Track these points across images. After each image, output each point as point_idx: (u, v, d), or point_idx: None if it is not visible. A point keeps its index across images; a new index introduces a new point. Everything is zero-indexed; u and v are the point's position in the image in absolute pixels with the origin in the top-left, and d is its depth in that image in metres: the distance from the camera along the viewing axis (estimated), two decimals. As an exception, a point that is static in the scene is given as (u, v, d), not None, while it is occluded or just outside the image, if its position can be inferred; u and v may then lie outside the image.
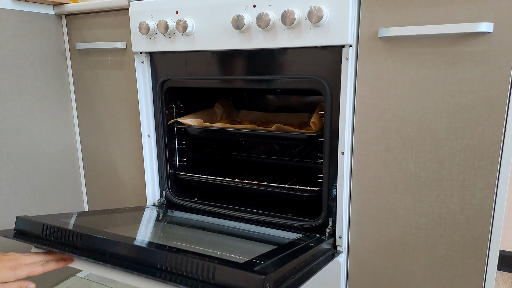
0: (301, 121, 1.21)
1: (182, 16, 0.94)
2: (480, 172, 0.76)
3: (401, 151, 0.82)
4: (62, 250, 0.71)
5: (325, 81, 0.84)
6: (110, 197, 1.28)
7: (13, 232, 0.79)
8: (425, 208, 0.82)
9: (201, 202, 1.08)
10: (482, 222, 0.78)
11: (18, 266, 0.70)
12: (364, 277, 0.91)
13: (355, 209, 0.89)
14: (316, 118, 1.01)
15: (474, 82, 0.73)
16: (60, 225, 0.75)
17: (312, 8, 0.78)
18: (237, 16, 0.85)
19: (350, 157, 0.87)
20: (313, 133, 0.98)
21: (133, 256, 0.67)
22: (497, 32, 0.70)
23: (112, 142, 1.21)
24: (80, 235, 0.72)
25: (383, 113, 0.82)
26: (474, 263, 0.80)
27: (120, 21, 1.09)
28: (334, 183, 0.88)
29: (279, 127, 1.01)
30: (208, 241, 0.87)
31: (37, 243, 0.74)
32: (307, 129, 1.04)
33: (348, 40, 0.79)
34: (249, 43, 0.88)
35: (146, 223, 0.97)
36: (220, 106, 1.30)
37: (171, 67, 1.02)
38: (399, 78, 0.79)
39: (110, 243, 0.69)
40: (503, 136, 0.73)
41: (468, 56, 0.73)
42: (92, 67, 1.19)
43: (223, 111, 1.30)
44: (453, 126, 0.77)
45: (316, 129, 1.00)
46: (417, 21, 0.75)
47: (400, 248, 0.86)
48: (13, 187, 1.13)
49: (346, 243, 0.91)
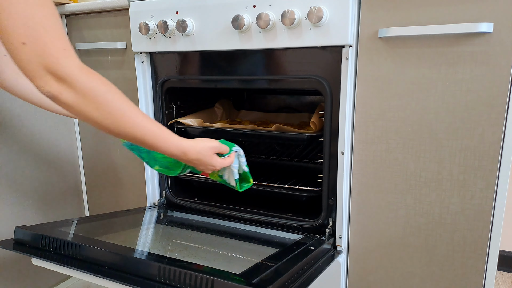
0: (301, 121, 1.21)
1: (182, 16, 0.94)
2: (480, 172, 0.76)
3: (401, 151, 0.82)
4: (61, 262, 0.71)
5: (325, 81, 0.84)
6: (110, 197, 1.28)
7: (12, 242, 0.79)
8: (425, 208, 0.82)
9: (201, 202, 1.08)
10: (482, 222, 0.78)
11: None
12: (364, 277, 0.91)
13: (355, 209, 0.89)
14: (316, 118, 1.01)
15: (474, 82, 0.73)
16: (59, 236, 0.75)
17: (312, 8, 0.78)
18: (237, 16, 0.85)
19: (350, 157, 0.87)
20: (313, 133, 0.98)
21: (132, 268, 0.67)
22: (497, 32, 0.70)
23: (112, 142, 1.21)
24: (79, 247, 0.72)
25: (383, 113, 0.82)
26: (474, 263, 0.80)
27: (120, 21, 1.09)
28: (334, 183, 0.88)
29: (279, 127, 1.01)
30: (208, 242, 0.87)
31: (36, 255, 0.74)
32: (307, 129, 1.04)
33: (348, 40, 0.79)
34: (249, 43, 0.88)
35: (146, 228, 0.97)
36: (220, 106, 1.30)
37: (171, 67, 1.02)
38: (399, 78, 0.79)
39: (109, 255, 0.70)
40: (503, 136, 0.73)
41: (468, 56, 0.73)
42: (92, 67, 1.18)
43: (223, 111, 1.30)
44: (453, 126, 0.77)
45: (316, 129, 1.00)
46: (417, 21, 0.75)
47: (400, 248, 0.86)
48: (13, 187, 1.13)
49: (346, 243, 0.91)
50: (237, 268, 0.66)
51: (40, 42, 0.52)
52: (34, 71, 0.53)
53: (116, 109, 0.61)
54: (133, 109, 0.64)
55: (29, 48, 0.51)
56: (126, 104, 0.63)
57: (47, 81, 0.54)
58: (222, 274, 0.62)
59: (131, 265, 0.67)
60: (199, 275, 0.60)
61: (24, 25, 0.50)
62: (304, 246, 0.82)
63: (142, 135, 0.65)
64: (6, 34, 0.51)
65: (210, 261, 0.76)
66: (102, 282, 0.68)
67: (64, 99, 0.56)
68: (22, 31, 0.51)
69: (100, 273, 0.67)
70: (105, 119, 0.60)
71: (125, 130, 0.63)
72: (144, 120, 0.65)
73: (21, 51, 0.51)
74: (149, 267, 0.65)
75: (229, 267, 0.72)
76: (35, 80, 0.54)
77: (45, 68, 0.53)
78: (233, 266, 0.72)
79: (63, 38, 0.54)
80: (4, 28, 0.50)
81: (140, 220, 1.02)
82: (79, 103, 0.57)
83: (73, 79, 0.55)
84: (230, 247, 0.84)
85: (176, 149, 0.71)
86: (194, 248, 0.83)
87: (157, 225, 0.99)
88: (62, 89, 0.55)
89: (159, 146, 0.68)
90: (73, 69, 0.55)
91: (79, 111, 0.58)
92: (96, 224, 0.93)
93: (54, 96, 0.55)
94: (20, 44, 0.51)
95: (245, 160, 0.85)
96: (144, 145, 0.68)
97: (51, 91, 0.55)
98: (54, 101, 0.57)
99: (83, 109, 0.58)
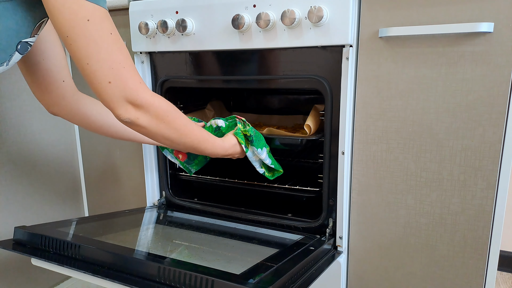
0: (295, 124, 1.19)
1: (182, 16, 0.94)
2: (481, 172, 0.76)
3: (402, 151, 0.82)
4: (61, 262, 0.71)
5: (325, 81, 0.84)
6: (109, 198, 1.27)
7: (11, 243, 0.79)
8: (426, 208, 0.82)
9: (201, 202, 1.08)
10: (483, 222, 0.77)
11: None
12: (364, 277, 0.91)
13: (355, 209, 0.88)
14: (311, 121, 0.98)
15: (474, 82, 0.73)
16: (58, 237, 0.75)
17: (312, 8, 0.78)
18: (237, 16, 0.85)
19: (351, 157, 0.87)
20: (307, 136, 0.96)
21: (132, 268, 0.67)
22: (497, 32, 0.70)
23: (112, 142, 1.21)
24: (79, 247, 0.72)
25: (383, 113, 0.81)
26: (475, 263, 0.79)
27: (120, 21, 1.09)
28: (335, 183, 0.88)
29: (270, 130, 0.99)
30: (208, 243, 0.87)
31: (35, 256, 0.74)
32: (301, 132, 1.02)
33: (348, 40, 0.79)
34: (249, 43, 0.88)
35: (145, 228, 0.97)
36: (211, 107, 1.27)
37: (171, 67, 1.02)
38: (400, 78, 0.79)
39: (109, 255, 0.69)
40: (504, 136, 0.73)
41: (468, 56, 0.73)
42: (92, 67, 1.19)
43: (214, 113, 1.27)
44: (454, 126, 0.76)
45: (310, 132, 0.97)
46: (418, 21, 0.75)
47: (401, 249, 0.86)
48: (13, 187, 1.13)
49: (346, 244, 0.91)
50: (237, 269, 0.66)
51: (122, 80, 0.62)
52: (117, 103, 0.63)
53: (180, 124, 0.74)
54: (189, 122, 0.77)
55: (114, 85, 0.62)
56: (184, 118, 0.75)
57: (127, 109, 0.65)
58: (222, 274, 0.62)
59: (131, 265, 0.67)
60: (199, 275, 0.60)
61: (109, 68, 0.61)
62: (304, 246, 0.82)
63: (198, 142, 0.79)
64: (95, 76, 0.61)
65: (210, 262, 0.75)
66: (101, 283, 0.68)
67: (141, 122, 0.67)
68: (108, 73, 0.61)
69: (100, 273, 0.67)
70: (172, 134, 0.73)
71: (186, 140, 0.77)
72: (196, 129, 0.78)
73: (108, 88, 0.62)
74: (149, 268, 0.65)
75: (229, 267, 0.71)
76: (116, 110, 0.64)
77: (126, 99, 0.64)
78: (233, 266, 0.72)
79: (137, 73, 0.65)
80: (94, 72, 0.60)
81: (140, 221, 1.02)
82: (153, 123, 0.69)
83: (149, 105, 0.66)
84: (230, 247, 0.84)
85: (222, 149, 0.87)
86: (194, 249, 0.82)
87: (157, 226, 0.99)
88: (139, 114, 0.66)
89: (209, 149, 0.84)
90: (147, 97, 0.66)
91: (152, 131, 0.70)
92: (96, 225, 0.93)
93: (132, 121, 0.66)
94: (106, 83, 0.61)
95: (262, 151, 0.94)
96: (196, 151, 0.82)
97: (130, 117, 0.65)
98: (131, 126, 0.67)
99: (155, 128, 0.70)
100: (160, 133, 0.71)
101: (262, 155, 0.94)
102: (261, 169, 0.98)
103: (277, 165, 0.99)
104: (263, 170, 0.98)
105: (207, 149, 0.83)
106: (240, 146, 0.92)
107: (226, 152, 0.89)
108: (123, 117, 0.65)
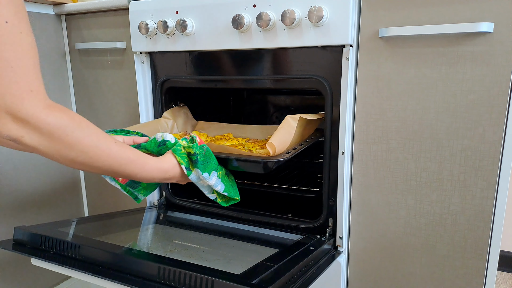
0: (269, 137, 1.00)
1: (182, 16, 0.94)
2: (481, 172, 0.76)
3: (402, 151, 0.82)
4: (61, 262, 0.71)
5: (325, 81, 0.84)
6: (109, 197, 1.27)
7: (11, 243, 0.79)
8: (426, 209, 0.82)
9: (201, 202, 1.08)
10: (483, 223, 0.77)
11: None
12: (364, 277, 0.91)
13: (355, 209, 0.88)
14: (277, 138, 0.77)
15: (474, 82, 0.73)
16: (58, 237, 0.75)
17: (312, 7, 0.78)
18: (237, 16, 0.85)
19: (351, 157, 0.87)
20: (272, 158, 0.75)
21: (132, 268, 0.67)
22: (497, 32, 0.70)
23: (112, 142, 1.21)
24: (79, 247, 0.72)
25: (383, 113, 0.81)
26: (475, 264, 0.79)
27: (120, 21, 1.09)
28: (335, 183, 0.88)
29: (224, 148, 0.81)
30: (208, 243, 0.87)
31: (35, 256, 0.74)
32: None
33: (348, 40, 0.79)
34: (249, 43, 0.88)
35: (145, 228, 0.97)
36: (170, 117, 1.05)
37: (171, 67, 1.02)
38: (400, 78, 0.79)
39: (109, 255, 0.69)
40: (504, 136, 0.73)
41: (468, 56, 0.73)
42: (92, 67, 1.19)
43: (174, 122, 1.06)
44: (454, 126, 0.76)
45: (274, 153, 0.76)
46: (418, 21, 0.75)
47: (401, 249, 0.86)
48: (13, 187, 1.13)
49: (346, 244, 0.91)
50: (237, 269, 0.66)
51: (3, 83, 0.48)
52: None
53: (87, 145, 0.58)
54: (104, 142, 0.60)
55: None
56: (97, 136, 0.60)
57: (6, 123, 0.50)
58: (222, 274, 0.62)
59: (130, 265, 0.67)
60: (199, 275, 0.60)
61: None
62: (304, 246, 0.82)
63: (119, 166, 0.63)
64: None
65: (210, 262, 0.75)
66: (101, 283, 0.67)
67: (28, 142, 0.52)
68: None
69: (100, 273, 0.67)
70: (79, 157, 0.58)
71: (100, 164, 0.60)
72: (115, 149, 0.62)
73: None
74: (149, 268, 0.65)
75: (229, 267, 0.72)
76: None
77: (5, 110, 0.49)
78: (233, 266, 0.72)
79: (34, 78, 0.50)
80: None
81: (140, 221, 1.02)
82: (45, 144, 0.54)
83: (36, 121, 0.51)
84: (230, 247, 0.84)
85: (158, 172, 0.70)
86: (194, 249, 0.82)
87: (156, 226, 0.99)
88: (24, 132, 0.51)
89: (138, 173, 0.67)
90: (36, 110, 0.51)
91: (48, 153, 0.55)
92: (96, 225, 0.93)
93: (15, 140, 0.52)
94: None
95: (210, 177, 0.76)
96: (122, 175, 0.65)
97: (11, 134, 0.51)
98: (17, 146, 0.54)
99: (52, 150, 0.55)
100: (61, 156, 0.56)
101: (210, 180, 0.76)
102: (212, 195, 0.81)
103: (233, 192, 0.81)
104: (215, 195, 0.81)
105: (134, 173, 0.66)
106: (180, 167, 0.73)
107: (165, 174, 0.71)
108: (2, 133, 0.50)
